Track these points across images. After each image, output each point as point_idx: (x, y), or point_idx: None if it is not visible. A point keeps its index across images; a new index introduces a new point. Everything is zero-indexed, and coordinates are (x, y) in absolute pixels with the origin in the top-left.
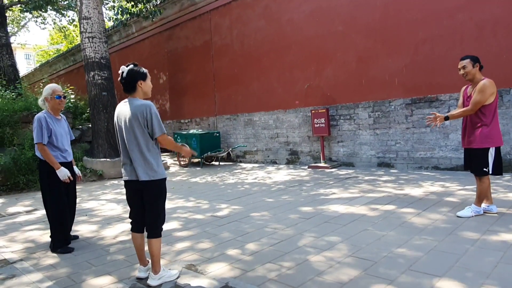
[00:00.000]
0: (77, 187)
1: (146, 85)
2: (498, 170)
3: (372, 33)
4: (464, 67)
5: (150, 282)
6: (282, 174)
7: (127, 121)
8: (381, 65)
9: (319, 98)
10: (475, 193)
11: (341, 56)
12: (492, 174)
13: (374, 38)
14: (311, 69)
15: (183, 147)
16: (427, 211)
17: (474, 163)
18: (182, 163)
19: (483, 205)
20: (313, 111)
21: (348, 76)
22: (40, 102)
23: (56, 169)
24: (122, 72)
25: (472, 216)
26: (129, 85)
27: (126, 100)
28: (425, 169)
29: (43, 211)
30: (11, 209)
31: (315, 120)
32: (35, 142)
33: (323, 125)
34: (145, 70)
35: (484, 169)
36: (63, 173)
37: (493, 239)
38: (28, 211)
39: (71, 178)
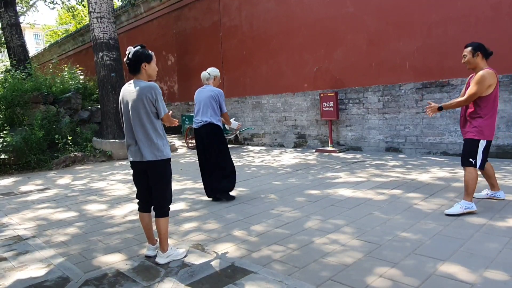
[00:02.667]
0: (86, 167)
1: (151, 68)
2: (483, 165)
3: (383, 15)
4: (464, 56)
5: (158, 260)
6: (289, 157)
7: (132, 102)
8: (392, 48)
9: (328, 82)
10: (483, 179)
11: (351, 39)
12: (478, 168)
13: (386, 20)
14: (320, 51)
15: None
16: (434, 196)
17: (462, 152)
18: (190, 145)
19: (490, 192)
20: (321, 95)
21: (358, 59)
22: (205, 77)
23: (229, 124)
24: (129, 53)
25: (463, 213)
26: (134, 66)
27: (130, 81)
28: (434, 154)
29: (55, 190)
30: (24, 188)
31: (324, 103)
32: (225, 111)
33: (332, 108)
34: (151, 53)
35: (470, 159)
36: (235, 123)
37: (499, 225)
38: (40, 190)
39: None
